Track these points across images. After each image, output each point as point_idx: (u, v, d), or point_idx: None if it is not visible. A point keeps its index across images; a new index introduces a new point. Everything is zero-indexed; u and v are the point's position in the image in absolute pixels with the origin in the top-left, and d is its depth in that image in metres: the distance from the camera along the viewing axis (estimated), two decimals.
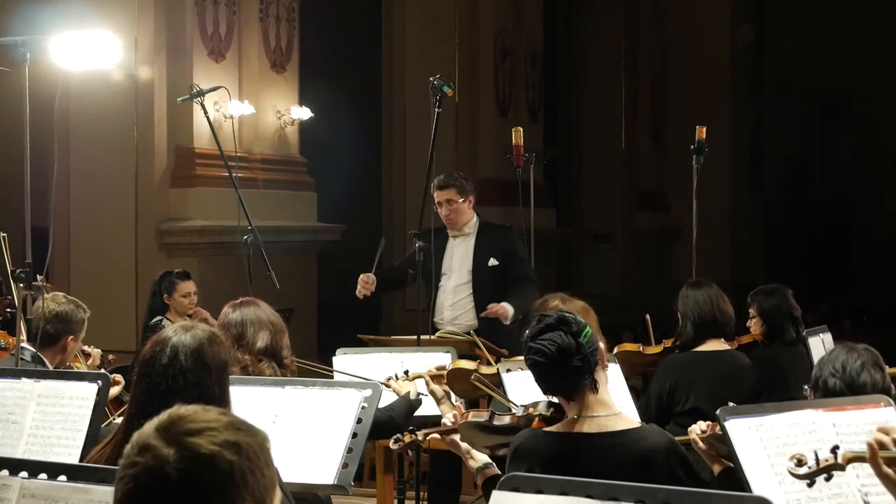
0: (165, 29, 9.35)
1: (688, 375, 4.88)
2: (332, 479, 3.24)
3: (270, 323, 3.94)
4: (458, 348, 5.02)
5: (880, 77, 16.49)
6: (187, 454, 1.61)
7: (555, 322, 3.16)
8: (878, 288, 15.29)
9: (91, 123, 9.24)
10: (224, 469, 1.62)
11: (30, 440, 3.30)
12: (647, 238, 15.78)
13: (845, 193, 17.46)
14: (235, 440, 1.65)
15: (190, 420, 1.66)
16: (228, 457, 1.62)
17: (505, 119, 12.68)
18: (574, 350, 3.11)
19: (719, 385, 4.83)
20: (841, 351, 3.45)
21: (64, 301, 4.59)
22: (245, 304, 4.01)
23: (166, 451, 1.62)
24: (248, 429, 1.70)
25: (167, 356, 2.86)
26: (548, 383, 3.20)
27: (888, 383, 3.43)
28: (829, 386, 3.35)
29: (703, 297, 5.04)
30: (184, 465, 1.61)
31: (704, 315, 4.99)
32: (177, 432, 1.64)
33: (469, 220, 6.39)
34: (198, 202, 9.33)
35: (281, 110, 10.28)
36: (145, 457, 1.62)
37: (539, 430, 3.24)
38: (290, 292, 6.23)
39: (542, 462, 3.09)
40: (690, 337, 5.02)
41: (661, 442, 3.15)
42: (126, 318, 8.90)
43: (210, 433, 1.64)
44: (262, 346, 3.86)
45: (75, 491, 2.33)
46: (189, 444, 1.62)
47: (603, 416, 3.14)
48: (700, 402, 4.75)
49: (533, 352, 3.16)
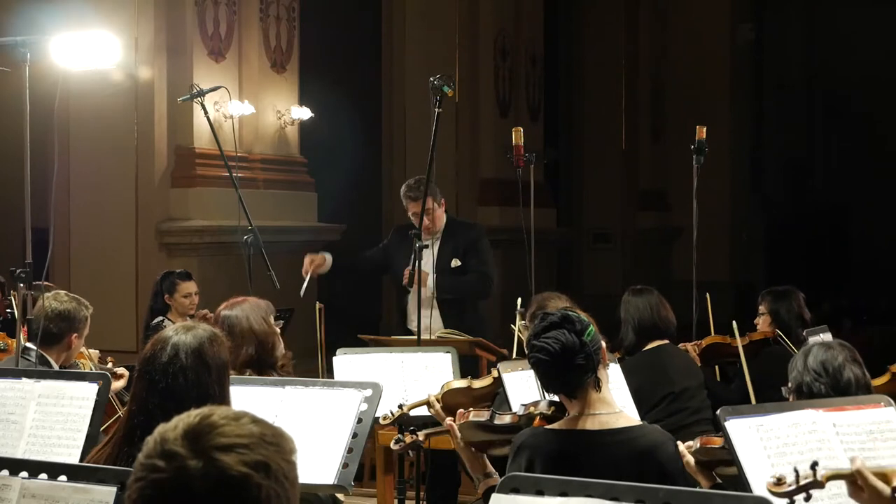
0: (165, 29, 9.35)
1: (647, 372, 5.01)
2: (332, 478, 3.24)
3: (255, 334, 3.90)
4: (457, 348, 5.02)
5: (880, 77, 16.48)
6: (216, 473, 1.55)
7: (558, 320, 3.16)
8: (878, 288, 15.27)
9: (91, 123, 9.24)
10: (252, 494, 1.56)
11: (30, 440, 3.30)
12: (647, 238, 15.77)
13: (845, 193, 17.45)
14: (266, 461, 1.58)
15: (221, 433, 1.58)
16: (258, 480, 1.56)
17: (505, 119, 12.67)
18: (577, 348, 3.12)
19: (678, 370, 5.11)
20: (819, 351, 3.40)
21: (66, 299, 4.61)
22: (233, 307, 3.97)
23: (193, 464, 1.55)
24: (278, 442, 1.62)
25: (167, 355, 2.87)
26: (551, 381, 3.20)
27: (868, 378, 3.42)
28: (815, 391, 3.32)
29: (643, 303, 5.20)
30: (211, 483, 1.54)
31: (644, 320, 5.17)
32: (206, 445, 1.57)
33: (443, 223, 6.35)
34: (198, 202, 9.32)
35: (281, 110, 10.27)
36: (170, 465, 1.56)
37: (541, 427, 3.25)
38: (291, 292, 6.22)
39: (543, 458, 3.10)
40: (632, 342, 5.20)
41: (661, 439, 3.17)
42: (126, 318, 8.90)
43: (241, 450, 1.57)
44: (246, 360, 3.85)
45: (75, 491, 2.33)
46: (219, 462, 1.55)
47: (604, 413, 3.15)
48: (669, 387, 5.00)
49: (536, 350, 3.16)
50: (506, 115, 12.84)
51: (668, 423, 4.78)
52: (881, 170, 16.60)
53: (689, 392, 5.05)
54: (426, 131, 6.29)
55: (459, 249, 6.30)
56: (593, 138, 15.61)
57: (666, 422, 4.77)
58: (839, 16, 17.01)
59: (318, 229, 10.66)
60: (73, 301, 4.62)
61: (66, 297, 4.63)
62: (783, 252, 16.76)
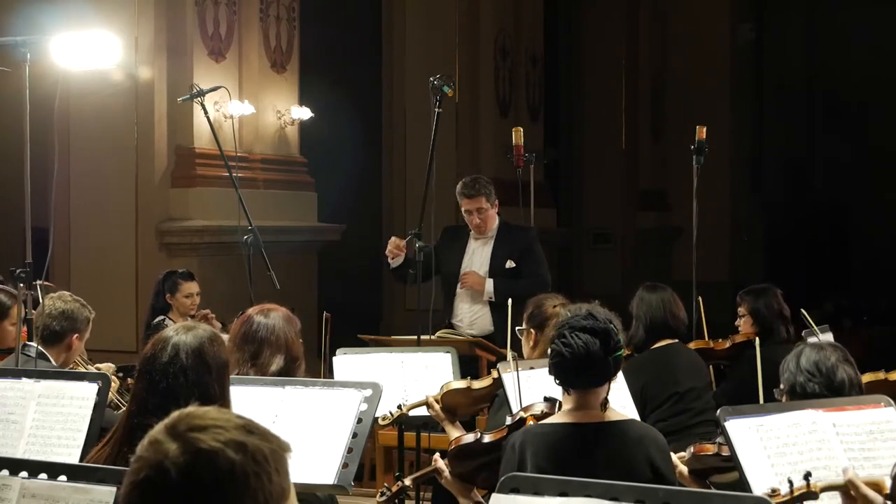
0: (165, 29, 9.35)
1: (654, 370, 5.02)
2: (332, 478, 3.24)
3: (287, 347, 3.86)
4: (457, 348, 5.02)
5: (880, 77, 16.47)
6: (189, 448, 1.57)
7: (600, 330, 3.17)
8: (878, 288, 15.27)
9: (91, 123, 9.25)
10: (224, 467, 1.56)
11: (30, 440, 3.30)
12: (647, 238, 15.77)
13: (845, 193, 17.44)
14: (243, 440, 1.59)
15: (198, 417, 1.62)
16: (230, 455, 1.57)
17: (505, 119, 12.67)
18: (599, 362, 3.15)
19: (684, 370, 5.08)
20: (811, 352, 3.37)
21: (70, 299, 4.62)
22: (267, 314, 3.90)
23: (169, 446, 1.58)
24: (264, 434, 1.63)
25: (168, 354, 2.87)
26: (562, 374, 3.22)
27: (860, 378, 3.41)
28: (809, 391, 3.30)
29: (656, 301, 5.15)
30: (183, 459, 1.57)
31: (656, 318, 5.12)
32: (183, 428, 1.60)
33: (495, 224, 6.43)
34: (198, 202, 9.33)
35: (281, 110, 10.28)
36: (150, 451, 1.59)
37: (532, 424, 3.27)
38: (290, 292, 6.23)
39: (535, 448, 3.13)
40: (642, 339, 5.16)
41: (649, 432, 3.27)
42: (126, 318, 8.90)
43: (216, 430, 1.59)
44: (275, 371, 3.82)
45: (75, 491, 2.33)
46: (191, 439, 1.58)
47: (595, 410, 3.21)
48: (674, 387, 4.96)
49: (564, 343, 3.17)
50: (506, 115, 12.85)
51: (671, 423, 4.78)
52: (881, 170, 16.59)
53: (694, 392, 5.03)
54: (426, 131, 6.30)
55: (515, 252, 6.39)
56: (593, 138, 15.60)
57: (669, 422, 4.76)
58: (839, 16, 17.00)
59: (318, 229, 10.66)
60: (77, 302, 4.63)
61: (69, 298, 4.65)
62: (783, 252, 16.75)
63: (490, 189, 6.34)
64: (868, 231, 17.16)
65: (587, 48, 15.67)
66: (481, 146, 12.63)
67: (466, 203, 6.32)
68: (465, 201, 6.33)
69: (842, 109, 17.53)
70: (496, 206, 6.43)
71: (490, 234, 6.44)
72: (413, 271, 6.11)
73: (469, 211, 6.30)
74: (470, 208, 6.29)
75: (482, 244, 6.43)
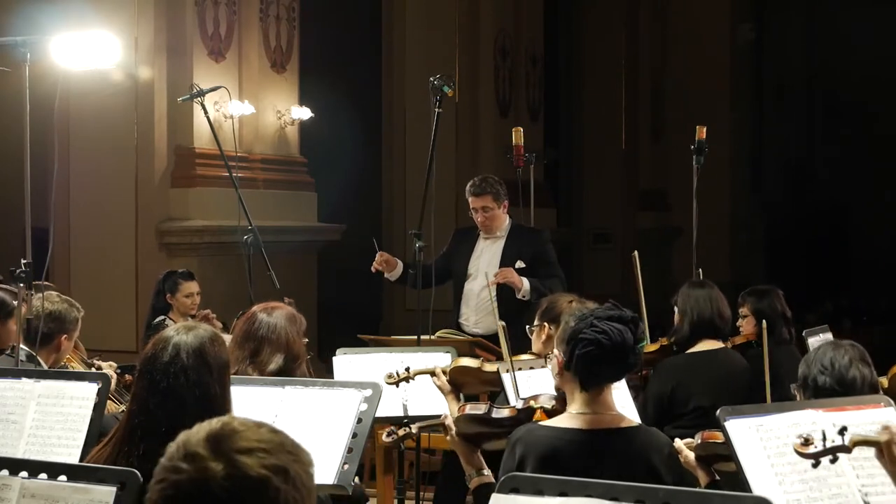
0: (165, 29, 9.35)
1: (687, 377, 4.89)
2: (332, 478, 3.24)
3: (288, 345, 3.85)
4: (457, 348, 5.02)
5: (880, 77, 16.48)
6: (236, 473, 1.57)
7: (630, 319, 3.16)
8: (878, 288, 15.28)
9: (91, 123, 9.25)
10: (270, 496, 1.58)
11: (30, 440, 3.29)
12: (647, 238, 15.76)
13: (845, 193, 17.45)
14: (285, 466, 1.60)
15: (242, 437, 1.61)
16: (276, 483, 1.58)
17: (505, 119, 12.67)
18: (630, 350, 3.13)
19: (718, 383, 4.86)
20: (828, 348, 3.48)
21: (57, 300, 4.57)
22: (271, 312, 3.90)
23: (214, 465, 1.57)
24: (297, 452, 1.65)
25: (169, 354, 2.87)
26: (594, 366, 3.14)
27: (875, 378, 3.46)
28: (820, 384, 3.38)
29: (703, 296, 5.03)
30: (230, 483, 1.57)
31: (703, 315, 4.98)
32: (228, 447, 1.59)
33: (502, 224, 6.46)
34: (198, 202, 9.33)
35: (281, 110, 10.27)
36: (191, 466, 1.58)
37: (537, 424, 3.25)
38: (290, 292, 6.22)
39: (537, 455, 3.10)
40: (686, 336, 5.02)
41: (659, 440, 3.22)
42: (126, 318, 8.90)
43: (261, 454, 1.59)
44: (274, 369, 3.81)
45: (75, 491, 2.33)
46: (239, 463, 1.58)
47: (606, 413, 3.18)
48: (702, 401, 4.77)
49: (597, 331, 3.11)
50: (506, 115, 12.85)
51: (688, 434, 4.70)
52: (881, 170, 16.60)
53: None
54: (426, 131, 6.31)
55: (526, 253, 6.43)
56: (593, 138, 15.61)
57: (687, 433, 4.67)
58: (839, 16, 17.01)
59: (318, 229, 10.66)
60: (65, 302, 4.57)
61: (57, 298, 4.58)
62: (783, 252, 16.76)
63: (498, 189, 6.40)
64: (868, 231, 17.16)
65: (587, 48, 15.67)
66: (481, 146, 12.63)
67: (473, 201, 6.40)
68: (472, 199, 6.41)
69: (842, 109, 17.53)
70: (505, 207, 6.47)
71: (500, 234, 6.48)
72: (413, 271, 6.12)
73: (475, 209, 6.39)
74: (476, 206, 6.37)
75: (491, 243, 6.47)
